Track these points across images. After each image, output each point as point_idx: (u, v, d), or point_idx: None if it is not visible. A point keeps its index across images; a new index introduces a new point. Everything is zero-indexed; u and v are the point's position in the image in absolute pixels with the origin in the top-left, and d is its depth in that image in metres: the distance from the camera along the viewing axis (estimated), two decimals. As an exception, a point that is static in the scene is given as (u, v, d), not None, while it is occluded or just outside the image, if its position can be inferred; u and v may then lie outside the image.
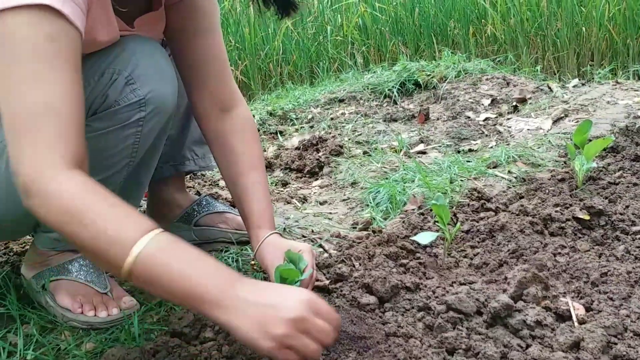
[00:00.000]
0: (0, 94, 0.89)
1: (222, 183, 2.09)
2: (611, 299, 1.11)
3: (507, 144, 2.19)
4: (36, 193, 0.87)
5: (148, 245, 0.84)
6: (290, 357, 0.82)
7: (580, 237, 1.39)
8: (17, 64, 0.87)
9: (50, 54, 0.89)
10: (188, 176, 1.96)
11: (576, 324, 1.05)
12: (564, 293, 1.15)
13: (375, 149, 2.32)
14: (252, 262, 1.37)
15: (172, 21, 1.25)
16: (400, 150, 2.27)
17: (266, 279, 1.21)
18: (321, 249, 1.49)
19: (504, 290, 1.14)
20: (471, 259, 1.35)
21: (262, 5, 1.10)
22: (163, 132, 1.23)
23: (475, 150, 2.21)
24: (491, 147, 2.21)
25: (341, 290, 1.21)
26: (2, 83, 0.89)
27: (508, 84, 2.93)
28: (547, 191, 1.63)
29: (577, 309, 1.08)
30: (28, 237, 1.67)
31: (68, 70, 0.91)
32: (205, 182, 2.10)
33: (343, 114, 2.85)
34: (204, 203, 1.55)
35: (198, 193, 1.90)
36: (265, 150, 2.42)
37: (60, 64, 0.90)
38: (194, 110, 1.32)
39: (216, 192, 1.93)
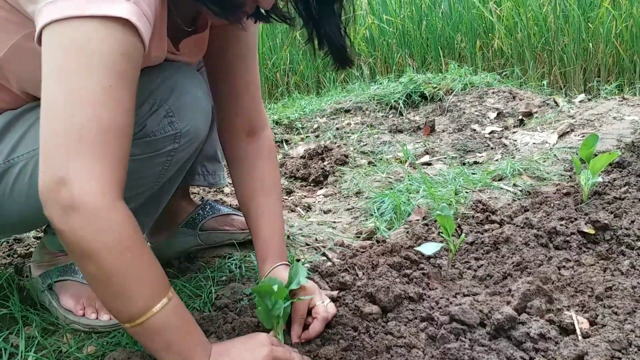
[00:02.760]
0: (60, 98, 0.83)
1: (226, 190, 2.09)
2: (616, 313, 1.10)
3: (513, 157, 2.19)
4: (87, 214, 0.81)
5: (167, 306, 0.90)
6: None
7: (585, 251, 1.38)
8: (91, 76, 0.82)
9: (125, 71, 0.85)
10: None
11: (580, 337, 1.04)
12: (568, 307, 1.15)
13: (381, 159, 2.32)
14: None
15: (213, 44, 1.23)
16: (406, 161, 2.27)
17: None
18: (324, 258, 1.49)
19: (508, 303, 1.13)
20: (475, 270, 1.34)
21: (318, 48, 1.07)
22: (190, 158, 1.23)
23: (481, 163, 2.21)
24: (496, 160, 2.21)
25: (344, 299, 1.21)
26: (67, 93, 0.82)
27: (514, 97, 2.93)
28: (552, 205, 1.63)
29: (581, 323, 1.07)
30: (33, 239, 1.68)
31: (134, 91, 0.88)
32: (210, 188, 2.10)
33: (349, 124, 2.86)
34: (208, 207, 1.55)
35: (202, 199, 1.90)
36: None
37: (130, 83, 0.87)
38: (219, 129, 1.30)
39: (221, 199, 1.94)
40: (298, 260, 1.46)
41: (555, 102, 2.80)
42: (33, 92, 1.07)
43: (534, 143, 2.35)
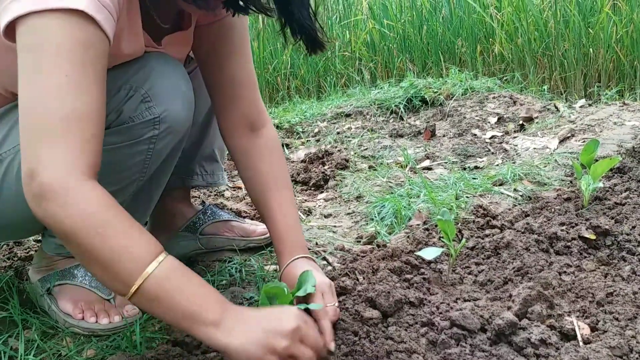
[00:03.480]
0: (28, 95, 0.87)
1: (227, 194, 2.09)
2: (617, 319, 1.10)
3: (513, 162, 2.19)
4: (56, 198, 0.84)
5: (159, 267, 0.88)
6: None
7: (586, 257, 1.38)
8: (51, 68, 0.86)
9: (84, 60, 0.87)
10: (193, 188, 1.97)
11: (581, 343, 1.03)
12: (569, 312, 1.14)
13: (381, 163, 2.32)
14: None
15: (205, 42, 1.24)
16: (406, 165, 2.27)
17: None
18: (325, 262, 1.49)
19: (509, 308, 1.13)
20: (476, 275, 1.34)
21: (291, 37, 1.07)
22: (176, 150, 1.23)
23: (481, 168, 2.21)
24: (497, 165, 2.21)
25: (344, 304, 1.21)
26: (31, 85, 0.86)
27: (515, 102, 2.93)
28: (552, 210, 1.62)
29: (582, 329, 1.07)
30: (33, 242, 1.68)
31: (99, 79, 0.90)
32: (210, 192, 2.10)
33: (349, 128, 2.86)
34: (209, 212, 1.55)
35: (203, 203, 1.90)
36: (271, 163, 2.42)
37: (93, 71, 0.89)
38: (221, 129, 1.30)
39: (221, 202, 1.94)
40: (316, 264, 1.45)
41: (556, 107, 2.80)
42: (13, 89, 1.07)
43: (535, 148, 2.35)
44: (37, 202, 0.86)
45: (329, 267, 1.44)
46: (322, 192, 2.10)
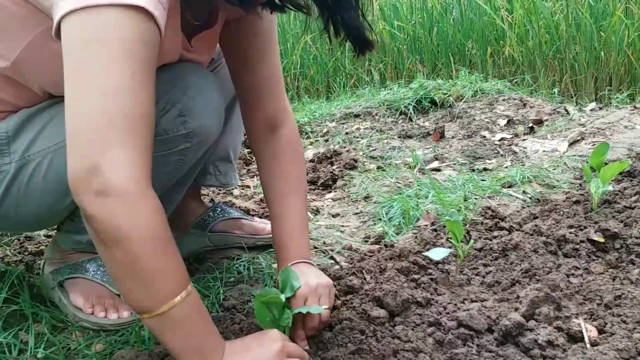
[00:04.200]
0: (87, 94, 0.83)
1: (236, 192, 2.10)
2: (624, 322, 1.09)
3: (522, 165, 2.18)
4: (129, 197, 0.82)
5: (187, 298, 0.89)
6: None
7: (594, 260, 1.38)
8: (114, 65, 0.82)
9: (145, 59, 0.85)
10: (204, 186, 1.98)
11: (588, 345, 1.03)
12: (577, 314, 1.14)
13: (390, 164, 2.33)
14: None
15: (232, 41, 1.23)
16: (415, 166, 2.27)
17: None
18: (332, 261, 1.49)
19: (516, 309, 1.13)
20: (483, 277, 1.34)
21: (334, 37, 1.03)
22: (202, 158, 1.24)
23: (490, 170, 2.20)
24: (506, 167, 2.21)
25: (351, 303, 1.21)
26: (91, 83, 0.82)
27: (525, 105, 2.92)
28: (561, 212, 1.62)
29: (589, 331, 1.07)
30: (44, 237, 1.70)
31: (154, 77, 0.89)
32: (220, 190, 2.11)
33: (358, 128, 2.86)
34: (219, 210, 1.56)
35: (212, 201, 1.91)
36: (279, 162, 2.43)
37: (151, 69, 0.87)
38: (245, 126, 1.30)
39: (230, 201, 1.95)
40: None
41: (566, 110, 2.79)
42: (51, 90, 1.09)
43: (544, 151, 2.34)
44: (98, 198, 0.81)
45: (337, 267, 1.44)
46: (330, 192, 2.10)
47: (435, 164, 2.31)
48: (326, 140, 2.73)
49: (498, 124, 2.73)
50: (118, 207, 0.81)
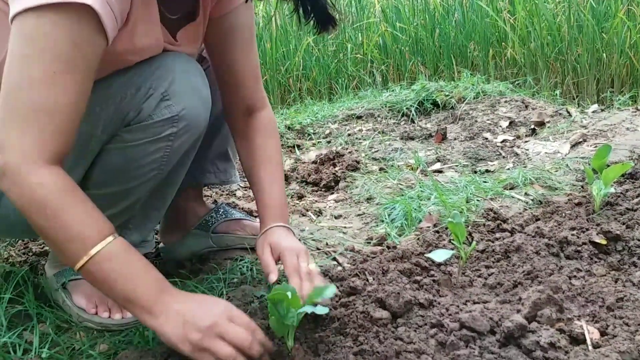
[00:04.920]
0: (13, 82, 0.94)
1: (239, 193, 2.11)
2: (627, 324, 1.09)
3: (525, 167, 2.19)
4: (12, 177, 0.94)
5: (104, 250, 0.96)
6: (206, 359, 0.95)
7: (596, 262, 1.38)
8: (39, 62, 0.92)
9: (71, 58, 0.94)
10: (206, 186, 1.98)
11: (590, 347, 1.04)
12: (579, 316, 1.14)
13: (392, 166, 2.33)
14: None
15: (215, 33, 1.29)
16: (417, 168, 2.27)
17: None
18: (335, 262, 1.50)
19: (518, 311, 1.13)
20: (485, 278, 1.34)
21: (303, 17, 1.12)
22: (192, 149, 1.26)
23: (492, 171, 2.21)
24: (508, 169, 2.21)
25: (354, 304, 1.22)
26: (18, 74, 0.94)
27: (527, 107, 2.93)
28: (563, 214, 1.62)
29: (591, 333, 1.07)
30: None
31: (82, 77, 0.96)
32: (223, 191, 2.12)
33: (360, 130, 2.87)
34: (221, 211, 1.57)
35: (215, 202, 1.92)
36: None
37: (78, 69, 0.95)
38: (224, 110, 1.39)
39: (233, 202, 1.95)
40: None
41: (568, 112, 2.80)
42: None
43: (546, 153, 2.34)
44: (1, 176, 0.95)
45: (339, 268, 1.45)
46: (332, 193, 2.11)
47: (437, 166, 2.32)
48: (328, 142, 2.73)
49: (500, 126, 2.74)
50: (10, 184, 0.94)
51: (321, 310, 1.05)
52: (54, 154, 0.96)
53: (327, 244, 1.63)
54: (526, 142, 2.52)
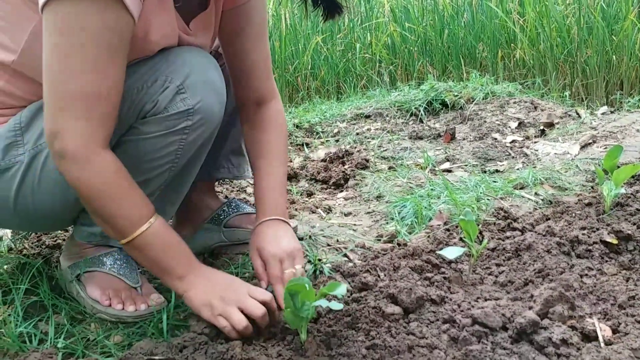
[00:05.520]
0: (58, 72, 1.00)
1: (249, 189, 2.12)
2: (638, 322, 1.10)
3: (534, 167, 2.19)
4: (79, 160, 1.03)
5: (150, 227, 1.10)
6: (222, 323, 1.10)
7: (607, 261, 1.38)
8: (80, 50, 0.98)
9: (109, 43, 1.00)
10: (218, 181, 2.00)
11: (602, 344, 1.04)
12: (591, 314, 1.15)
13: (401, 164, 2.34)
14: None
15: (228, 26, 1.32)
16: (426, 167, 2.28)
17: None
18: (346, 258, 1.51)
19: (530, 308, 1.14)
20: (496, 276, 1.35)
21: (311, 5, 1.17)
22: (207, 142, 1.26)
23: (502, 171, 2.21)
24: (518, 169, 2.21)
25: (366, 299, 1.23)
26: (61, 64, 0.99)
27: (536, 108, 2.93)
28: (573, 214, 1.63)
29: (603, 330, 1.08)
30: (60, 231, 1.72)
31: (120, 60, 1.03)
32: (234, 187, 2.13)
33: (369, 129, 2.87)
34: (233, 205, 1.58)
35: (226, 197, 1.93)
36: (291, 161, 2.45)
37: (116, 53, 1.02)
38: (236, 101, 1.41)
39: (244, 198, 1.96)
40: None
41: (577, 114, 2.79)
42: None
43: (556, 153, 2.34)
44: (58, 159, 1.04)
45: (350, 264, 1.45)
46: (342, 191, 2.12)
47: (446, 165, 2.32)
48: (337, 141, 2.74)
49: (509, 127, 2.74)
50: (70, 167, 1.04)
51: (336, 305, 1.06)
52: (104, 138, 1.05)
53: (337, 240, 1.64)
54: (535, 142, 2.52)
